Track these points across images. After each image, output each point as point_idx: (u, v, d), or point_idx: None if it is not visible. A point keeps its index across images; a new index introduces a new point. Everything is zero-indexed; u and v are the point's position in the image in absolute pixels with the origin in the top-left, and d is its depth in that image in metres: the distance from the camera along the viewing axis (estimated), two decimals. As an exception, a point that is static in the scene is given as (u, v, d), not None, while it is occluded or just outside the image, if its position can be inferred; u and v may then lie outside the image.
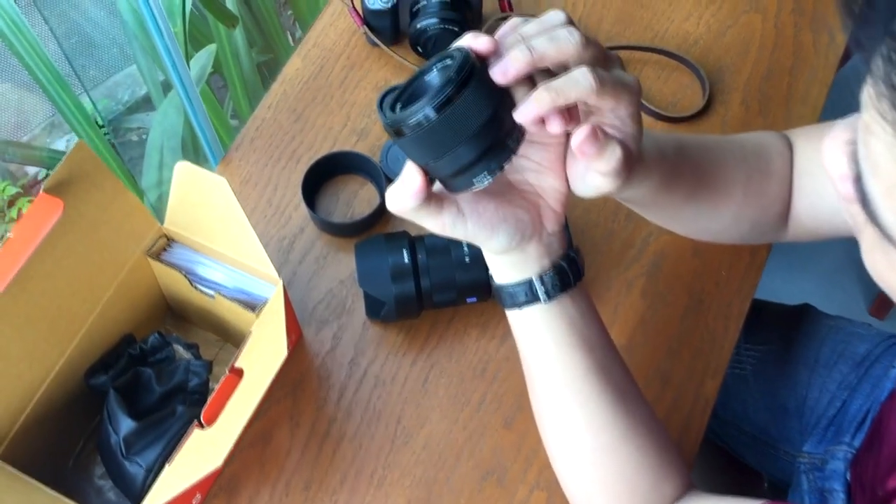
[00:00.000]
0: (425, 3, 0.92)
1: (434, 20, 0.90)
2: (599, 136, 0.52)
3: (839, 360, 0.95)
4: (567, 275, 0.61)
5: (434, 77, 0.53)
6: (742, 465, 1.06)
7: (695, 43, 0.98)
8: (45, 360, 0.71)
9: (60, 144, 1.95)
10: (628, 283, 0.86)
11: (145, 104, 1.96)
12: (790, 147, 0.74)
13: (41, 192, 0.63)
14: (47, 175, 1.85)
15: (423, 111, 0.50)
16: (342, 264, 0.86)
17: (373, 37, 0.95)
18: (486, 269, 0.74)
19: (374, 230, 0.88)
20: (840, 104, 0.54)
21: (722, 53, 0.98)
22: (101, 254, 0.71)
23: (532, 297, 0.60)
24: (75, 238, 0.67)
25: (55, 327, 0.70)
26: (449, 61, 0.52)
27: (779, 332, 1.00)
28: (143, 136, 1.97)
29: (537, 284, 0.60)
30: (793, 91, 0.95)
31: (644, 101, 0.94)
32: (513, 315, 0.63)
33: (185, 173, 0.71)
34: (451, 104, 0.50)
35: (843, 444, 0.88)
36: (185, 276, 0.75)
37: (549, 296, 0.60)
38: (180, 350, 0.76)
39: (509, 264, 0.60)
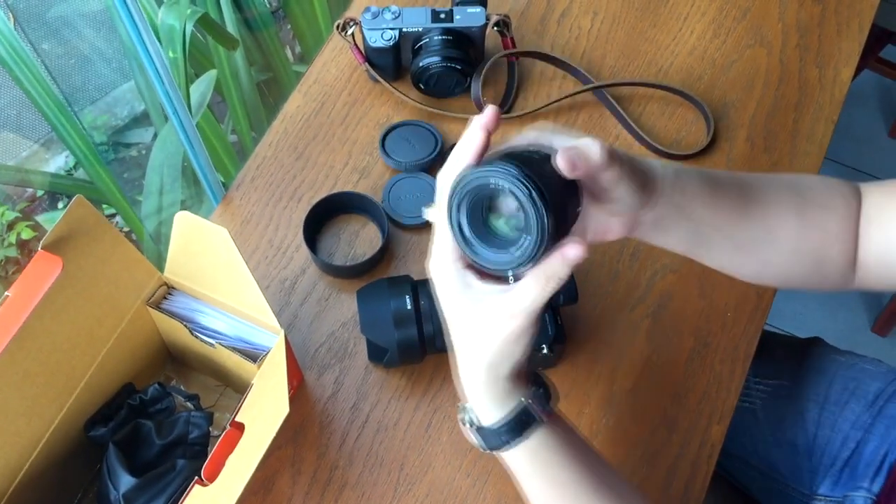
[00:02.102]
0: (427, 40, 0.91)
1: (437, 58, 0.90)
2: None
3: (851, 398, 0.94)
4: (545, 385, 0.62)
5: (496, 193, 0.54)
6: (751, 501, 1.05)
7: (699, 78, 0.97)
8: (45, 415, 0.70)
9: (60, 161, 1.94)
10: (634, 325, 0.85)
11: (144, 119, 1.95)
12: (856, 193, 0.72)
13: (40, 249, 0.63)
14: (45, 195, 1.84)
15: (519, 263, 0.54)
16: (344, 306, 0.86)
17: (375, 74, 0.94)
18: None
19: (377, 272, 0.87)
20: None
21: (727, 89, 0.97)
22: (101, 306, 0.70)
23: (528, 422, 0.60)
24: (75, 293, 0.66)
25: (54, 382, 0.69)
26: (521, 195, 0.52)
27: (788, 366, 1.00)
28: (143, 152, 1.96)
29: (537, 402, 0.60)
30: (798, 127, 0.94)
31: (647, 138, 0.93)
32: (516, 451, 0.61)
33: (185, 223, 0.70)
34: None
35: (862, 489, 0.87)
36: (186, 325, 0.74)
37: (547, 412, 0.61)
38: (181, 400, 0.75)
39: (501, 390, 0.60)
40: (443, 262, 0.58)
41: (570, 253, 0.54)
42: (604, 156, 0.54)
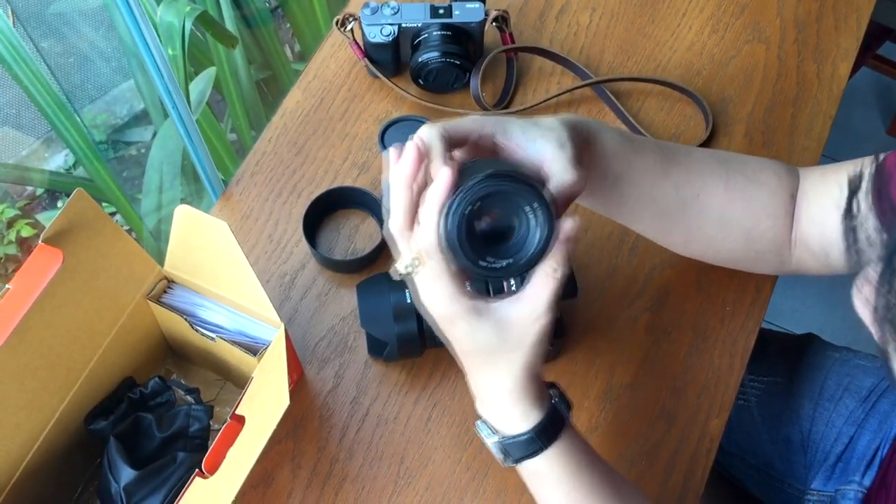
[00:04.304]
0: (426, 35, 0.91)
1: (436, 54, 0.90)
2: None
3: (844, 393, 0.94)
4: (558, 388, 0.65)
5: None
6: (748, 498, 1.05)
7: (697, 73, 0.98)
8: (45, 408, 0.70)
9: (59, 159, 1.94)
10: (632, 319, 0.85)
11: (144, 118, 1.95)
12: (793, 173, 0.75)
13: (40, 242, 0.63)
14: (45, 193, 1.84)
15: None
16: (344, 301, 0.86)
17: (374, 69, 0.94)
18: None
19: (376, 266, 0.87)
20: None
21: (725, 84, 0.97)
22: (101, 300, 0.70)
23: (560, 424, 0.62)
24: (75, 286, 0.67)
25: (55, 375, 0.69)
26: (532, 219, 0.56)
27: (783, 363, 1.00)
28: (142, 151, 1.96)
29: (561, 406, 0.63)
30: (796, 123, 0.95)
31: (646, 133, 0.93)
32: (546, 457, 0.63)
33: (185, 217, 0.70)
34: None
35: (854, 482, 0.87)
36: (186, 318, 0.75)
37: (567, 417, 0.63)
38: (181, 394, 0.75)
39: (535, 392, 0.61)
40: (446, 299, 0.58)
41: (567, 228, 0.56)
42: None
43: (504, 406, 0.62)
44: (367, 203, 0.89)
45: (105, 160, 1.55)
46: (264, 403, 0.68)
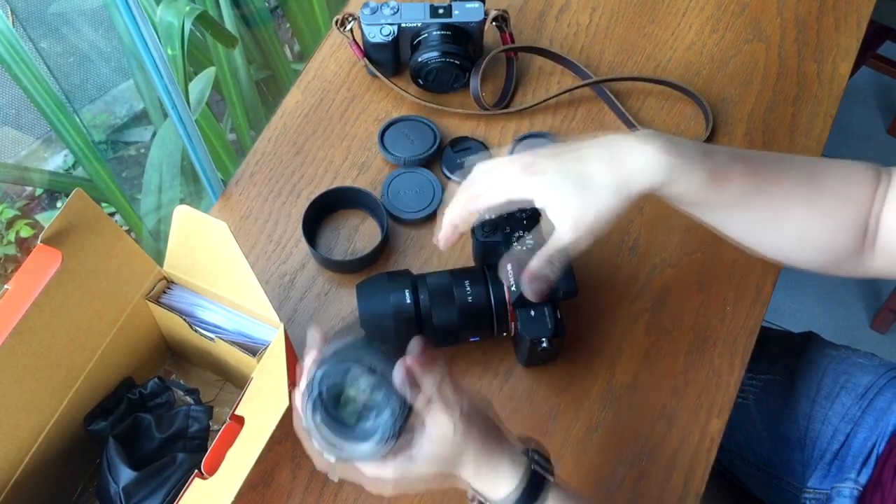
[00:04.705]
0: (426, 35, 0.91)
1: (435, 53, 0.90)
2: None
3: (841, 391, 0.94)
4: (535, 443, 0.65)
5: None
6: (747, 495, 1.05)
7: (697, 73, 0.98)
8: (45, 409, 0.70)
9: (58, 159, 1.94)
10: (633, 318, 0.85)
11: (143, 118, 1.95)
12: (876, 179, 0.70)
13: (39, 242, 0.63)
14: (45, 193, 1.84)
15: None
16: (344, 301, 0.86)
17: (373, 69, 0.94)
18: (489, 307, 0.75)
19: (376, 266, 0.87)
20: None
21: (725, 83, 0.97)
22: (100, 300, 0.70)
23: (542, 479, 0.62)
24: (74, 286, 0.67)
25: (54, 376, 0.69)
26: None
27: (781, 361, 1.00)
28: (142, 151, 1.96)
29: (537, 462, 0.62)
30: (797, 122, 0.95)
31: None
32: None
33: (184, 217, 0.70)
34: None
35: (849, 480, 0.87)
36: (185, 319, 0.75)
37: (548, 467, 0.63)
38: (180, 394, 0.75)
39: (498, 467, 0.62)
40: (377, 472, 0.60)
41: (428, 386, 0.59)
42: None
43: (483, 481, 0.62)
44: (367, 203, 0.89)
45: (104, 160, 1.55)
46: (264, 404, 0.68)
